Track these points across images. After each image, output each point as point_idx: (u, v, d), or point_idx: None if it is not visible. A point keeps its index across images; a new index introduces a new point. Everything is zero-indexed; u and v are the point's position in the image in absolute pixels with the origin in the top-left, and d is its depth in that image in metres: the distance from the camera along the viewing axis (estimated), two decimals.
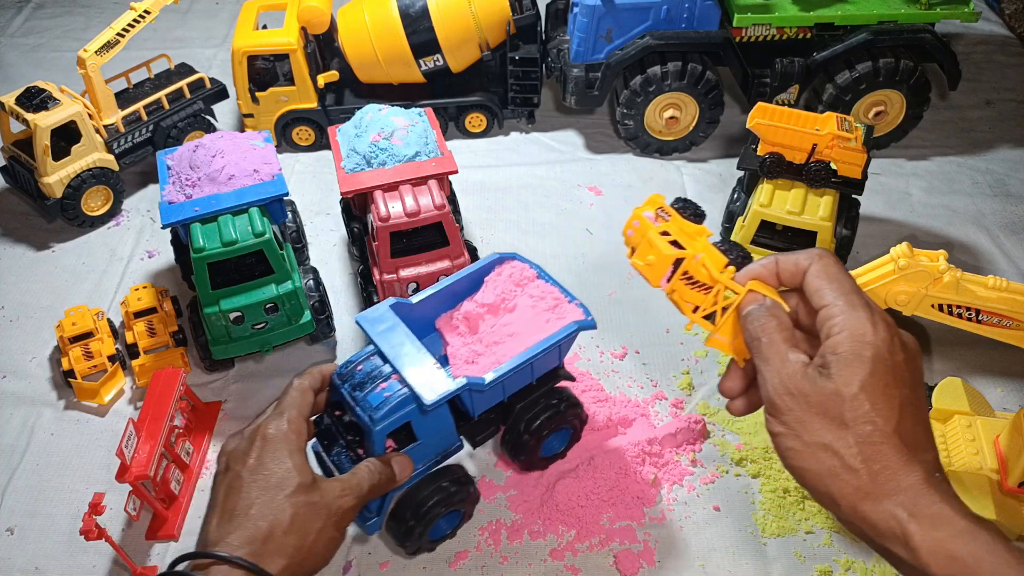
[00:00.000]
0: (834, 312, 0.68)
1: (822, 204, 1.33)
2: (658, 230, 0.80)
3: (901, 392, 0.66)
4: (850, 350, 0.66)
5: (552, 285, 1.16)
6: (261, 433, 0.90)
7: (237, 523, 0.82)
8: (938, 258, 1.12)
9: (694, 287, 0.78)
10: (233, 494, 0.85)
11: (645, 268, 0.81)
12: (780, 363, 0.69)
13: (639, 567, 1.15)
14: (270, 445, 0.89)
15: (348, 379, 1.04)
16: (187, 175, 1.36)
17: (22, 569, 1.19)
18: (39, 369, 1.47)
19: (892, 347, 0.67)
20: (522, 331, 1.13)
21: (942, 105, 2.00)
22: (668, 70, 1.72)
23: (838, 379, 0.66)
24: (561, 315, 1.13)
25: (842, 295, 0.69)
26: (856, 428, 0.65)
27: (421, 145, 1.40)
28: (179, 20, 2.40)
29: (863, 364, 0.66)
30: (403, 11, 1.78)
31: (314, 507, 0.86)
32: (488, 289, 1.17)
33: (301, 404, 0.96)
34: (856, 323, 0.67)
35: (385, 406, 1.01)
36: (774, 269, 0.74)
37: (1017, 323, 1.15)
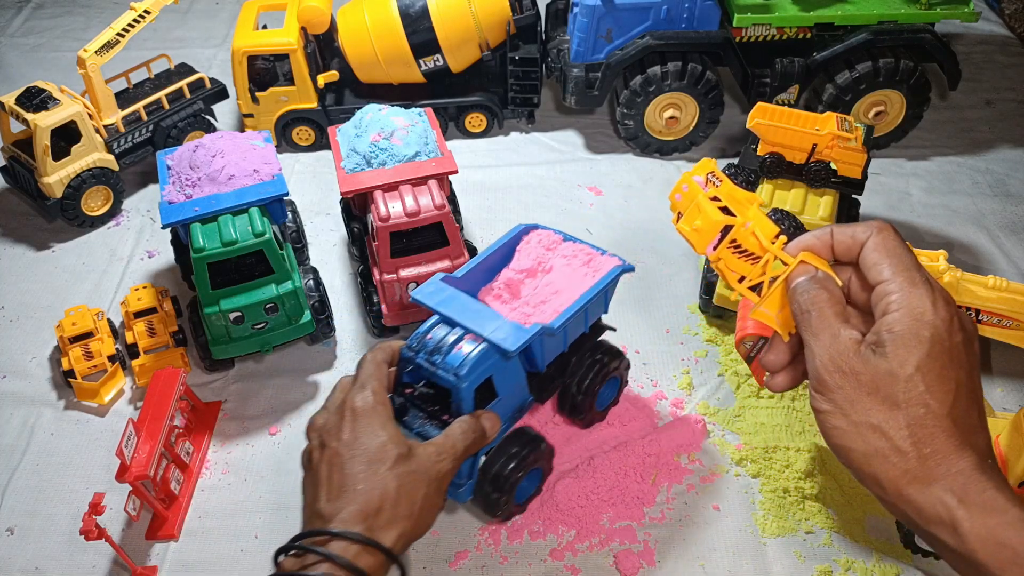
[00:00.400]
0: (892, 288, 0.65)
1: (822, 204, 1.33)
2: (708, 195, 0.77)
3: (957, 375, 0.64)
4: (907, 329, 0.64)
5: (581, 244, 1.22)
6: (350, 407, 0.91)
7: (347, 499, 0.83)
8: (938, 258, 1.12)
9: (741, 256, 0.76)
10: (336, 470, 0.85)
11: (691, 234, 0.79)
12: (831, 338, 0.67)
13: (639, 567, 1.15)
14: (362, 419, 0.89)
15: (421, 349, 1.07)
16: (187, 175, 1.36)
17: (22, 569, 1.19)
18: (39, 369, 1.47)
19: (951, 328, 0.64)
20: (564, 287, 1.18)
21: (942, 105, 2.00)
22: (668, 70, 1.72)
23: (893, 358, 0.64)
24: (597, 267, 1.19)
25: (902, 271, 0.66)
26: (908, 410, 0.63)
27: (421, 145, 1.40)
28: (179, 20, 2.40)
29: (920, 344, 0.63)
30: (403, 11, 1.78)
31: (416, 475, 0.87)
32: (522, 256, 1.22)
33: (379, 376, 0.97)
34: (915, 301, 0.64)
35: (467, 363, 1.04)
36: (829, 241, 0.71)
37: (1017, 323, 1.15)
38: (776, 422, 1.31)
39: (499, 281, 1.21)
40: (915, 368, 0.63)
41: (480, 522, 1.21)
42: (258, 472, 1.30)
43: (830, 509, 1.20)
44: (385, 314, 1.39)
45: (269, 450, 1.33)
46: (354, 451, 0.86)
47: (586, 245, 1.22)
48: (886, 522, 1.19)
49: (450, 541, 1.19)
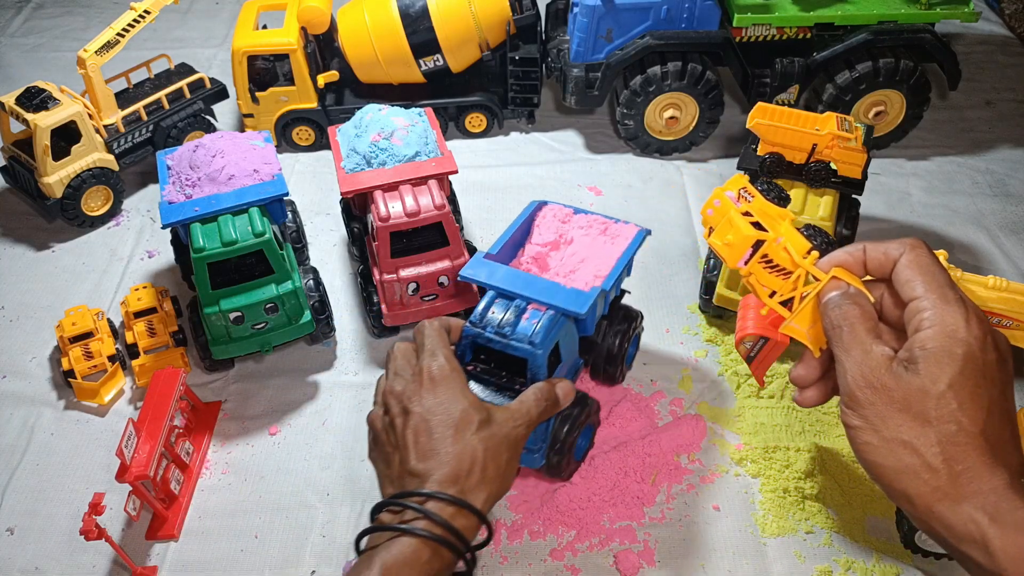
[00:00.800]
0: (925, 305, 0.66)
1: (822, 204, 1.33)
2: (740, 210, 0.78)
3: (990, 393, 0.64)
4: (940, 346, 0.64)
5: (592, 214, 1.28)
6: (428, 375, 0.92)
7: (437, 462, 0.85)
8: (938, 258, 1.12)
9: (773, 271, 0.76)
10: (424, 435, 0.87)
11: (723, 248, 0.80)
12: (863, 354, 0.67)
13: (639, 567, 1.15)
14: (440, 386, 0.91)
15: (486, 325, 1.10)
16: (187, 175, 1.36)
17: (22, 569, 1.19)
18: (39, 369, 1.47)
19: (984, 345, 0.64)
20: (590, 256, 1.23)
21: (942, 105, 2.00)
22: (668, 70, 1.72)
23: (925, 375, 0.64)
24: (615, 234, 1.26)
25: (935, 288, 0.66)
26: (940, 427, 0.63)
27: (421, 145, 1.40)
28: (179, 20, 2.40)
29: (953, 361, 0.63)
30: (403, 11, 1.78)
31: (497, 440, 0.89)
32: (541, 231, 1.28)
33: (444, 343, 0.98)
34: (949, 318, 0.64)
35: (540, 331, 1.08)
36: (861, 257, 0.72)
37: (1017, 323, 1.15)
38: (776, 422, 1.31)
39: (526, 256, 1.26)
40: (947, 385, 0.63)
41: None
42: (258, 472, 1.30)
43: (830, 509, 1.20)
44: (385, 314, 1.39)
45: (269, 450, 1.33)
46: (439, 417, 0.88)
47: (597, 215, 1.28)
48: (886, 522, 1.19)
49: None
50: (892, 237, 1.65)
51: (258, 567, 1.18)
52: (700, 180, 1.82)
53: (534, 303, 1.12)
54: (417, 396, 0.90)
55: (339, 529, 1.22)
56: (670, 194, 1.77)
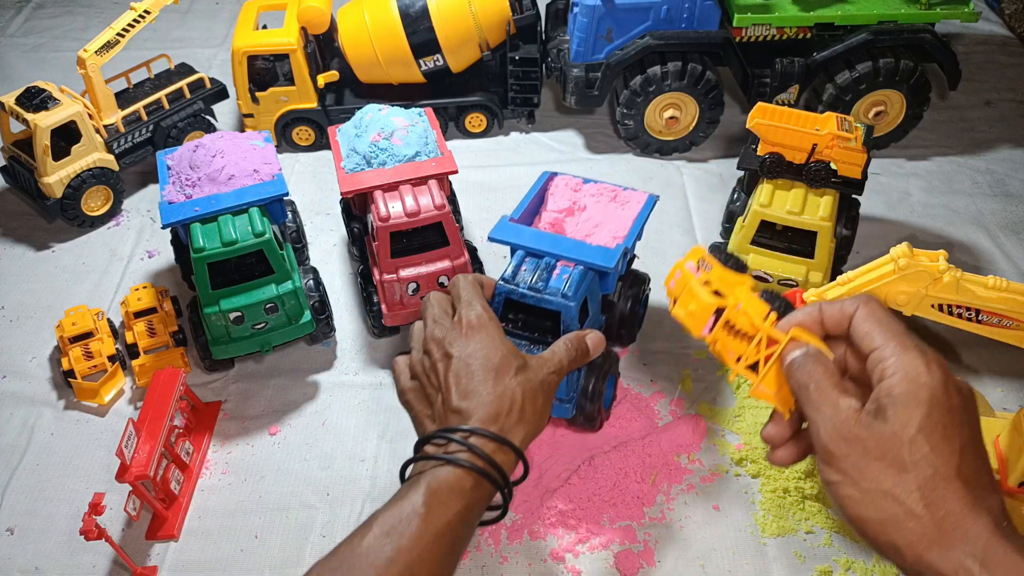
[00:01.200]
0: (886, 354, 0.67)
1: (822, 204, 1.33)
2: (699, 280, 0.80)
3: (960, 434, 0.64)
4: (906, 391, 0.65)
5: (600, 183, 1.35)
6: (466, 322, 0.95)
7: (478, 402, 0.88)
8: (938, 258, 1.12)
9: (736, 337, 0.78)
10: (465, 376, 0.90)
11: (687, 317, 0.81)
12: (832, 409, 0.68)
13: (639, 567, 1.15)
14: (479, 332, 0.94)
15: (519, 282, 1.16)
16: (187, 175, 1.36)
17: (22, 569, 1.19)
18: (39, 369, 1.47)
19: (947, 389, 0.65)
20: (603, 221, 1.30)
21: (942, 105, 2.00)
22: (668, 70, 1.72)
23: (895, 421, 0.64)
24: (625, 200, 1.32)
25: (893, 337, 0.67)
26: (917, 471, 0.63)
27: (421, 145, 1.40)
28: (179, 20, 2.40)
29: (920, 405, 0.64)
30: (403, 11, 1.78)
31: (534, 384, 0.93)
32: (555, 199, 1.34)
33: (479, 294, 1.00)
34: (910, 364, 0.66)
35: (571, 285, 1.15)
36: (818, 316, 0.73)
37: (1017, 323, 1.15)
38: None
39: (543, 223, 1.32)
40: (917, 429, 0.64)
41: None
42: (258, 472, 1.30)
43: (830, 509, 1.20)
44: (385, 314, 1.39)
45: (269, 450, 1.33)
46: (479, 361, 0.91)
47: (605, 184, 1.35)
48: None
49: None
50: (892, 237, 1.66)
51: (258, 567, 1.18)
52: (700, 180, 1.82)
53: (563, 260, 1.18)
54: (458, 341, 0.94)
55: (339, 529, 1.22)
56: (670, 194, 1.77)
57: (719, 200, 1.71)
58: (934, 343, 1.43)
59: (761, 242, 1.36)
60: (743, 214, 1.41)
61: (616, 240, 1.25)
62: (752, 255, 1.35)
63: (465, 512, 0.81)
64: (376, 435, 1.34)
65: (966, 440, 0.65)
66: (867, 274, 1.16)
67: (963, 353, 1.42)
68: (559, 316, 1.15)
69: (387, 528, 0.75)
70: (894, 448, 0.64)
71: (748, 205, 1.42)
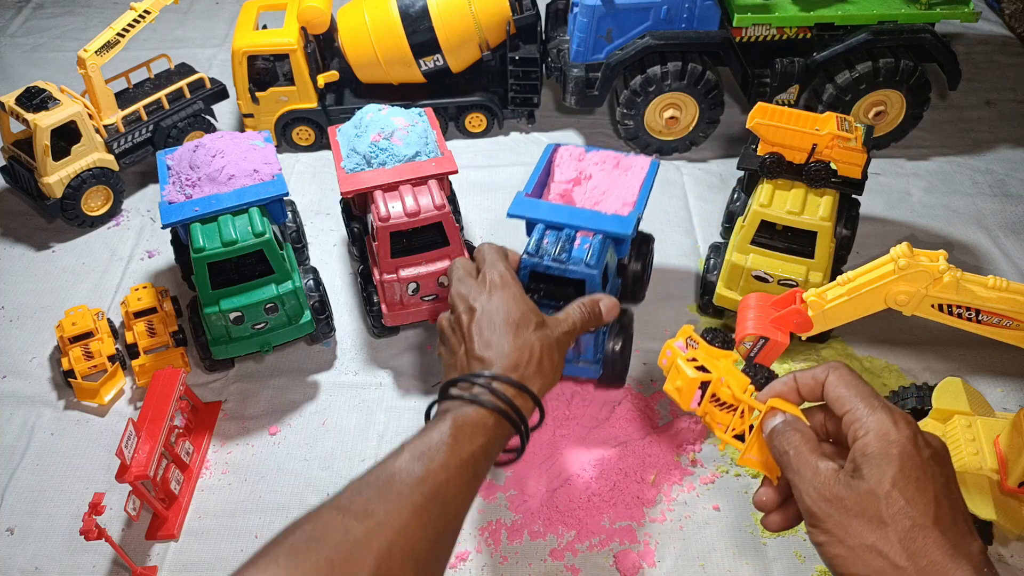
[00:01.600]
0: (857, 415, 0.71)
1: (822, 204, 1.33)
2: (686, 356, 0.86)
3: (934, 486, 0.67)
4: (878, 449, 0.68)
5: (602, 151, 1.39)
6: (489, 281, 1.01)
7: (499, 351, 0.94)
8: (938, 258, 1.12)
9: (723, 408, 0.82)
10: (487, 328, 0.97)
11: (675, 392, 0.87)
12: (812, 473, 0.71)
13: (639, 567, 1.15)
14: (501, 290, 1.00)
15: (544, 254, 1.22)
16: (187, 175, 1.36)
17: (22, 569, 1.19)
18: (39, 369, 1.47)
19: (917, 443, 0.68)
20: (610, 188, 1.35)
21: (942, 105, 2.00)
22: (668, 70, 1.72)
23: (870, 478, 0.67)
24: (628, 166, 1.37)
25: (862, 399, 0.71)
26: (895, 525, 0.66)
27: (421, 145, 1.40)
28: (179, 20, 2.40)
29: (891, 461, 0.67)
30: (403, 11, 1.78)
31: (551, 340, 0.98)
32: (562, 170, 1.38)
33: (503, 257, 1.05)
34: (879, 423, 0.69)
35: (593, 254, 1.21)
36: (793, 385, 0.78)
37: (1017, 323, 1.15)
38: None
39: (552, 194, 1.36)
40: (891, 484, 0.66)
41: (480, 522, 1.21)
42: (258, 472, 1.30)
43: None
44: (385, 314, 1.39)
45: (269, 450, 1.33)
46: (501, 315, 0.97)
47: (608, 151, 1.40)
48: None
49: None
50: (892, 237, 1.66)
51: None
52: (700, 180, 1.82)
53: (582, 230, 1.24)
54: (481, 296, 1.00)
55: None
56: (670, 194, 1.77)
57: (719, 200, 1.71)
58: (934, 343, 1.44)
59: (761, 242, 1.36)
60: (743, 214, 1.41)
61: (626, 206, 1.31)
62: (752, 255, 1.35)
63: (487, 446, 0.86)
64: (376, 435, 1.34)
65: (940, 490, 0.67)
66: (867, 274, 1.16)
67: (963, 353, 1.42)
68: (583, 284, 1.21)
69: (417, 453, 0.80)
70: (872, 504, 0.67)
71: (748, 205, 1.41)
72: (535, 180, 1.35)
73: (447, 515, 0.78)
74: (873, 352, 1.43)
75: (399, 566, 0.70)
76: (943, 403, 1.19)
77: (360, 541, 0.69)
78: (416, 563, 0.72)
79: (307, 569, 0.65)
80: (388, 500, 0.74)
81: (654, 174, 1.36)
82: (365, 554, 0.68)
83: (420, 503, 0.75)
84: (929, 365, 1.41)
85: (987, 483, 1.11)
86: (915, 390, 1.26)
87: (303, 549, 0.67)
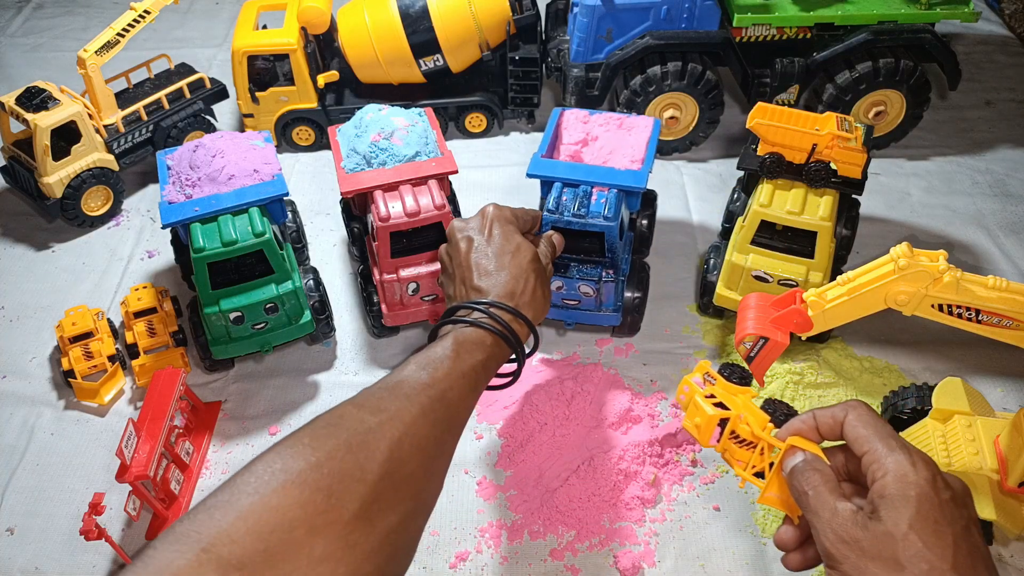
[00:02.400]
0: (876, 456, 0.70)
1: (822, 204, 1.33)
2: (704, 393, 0.87)
3: (952, 529, 0.66)
4: (896, 491, 0.67)
5: (605, 113, 1.46)
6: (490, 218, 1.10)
7: (495, 280, 1.02)
8: (938, 258, 1.12)
9: (742, 446, 0.82)
10: (485, 259, 1.05)
11: (694, 429, 0.87)
12: (830, 514, 0.70)
13: (639, 567, 1.15)
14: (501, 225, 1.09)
15: (563, 210, 1.29)
16: (187, 175, 1.36)
17: (22, 569, 1.19)
18: (39, 369, 1.47)
19: (935, 485, 0.67)
20: (616, 147, 1.41)
21: (942, 105, 2.00)
22: (668, 70, 1.72)
23: (888, 520, 0.66)
24: (631, 126, 1.44)
25: (881, 439, 0.71)
26: (912, 568, 0.65)
27: (421, 145, 1.40)
28: (179, 20, 2.40)
29: (908, 504, 0.66)
30: (403, 11, 1.78)
31: (542, 272, 1.08)
32: (569, 132, 1.45)
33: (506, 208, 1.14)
34: (897, 465, 0.68)
35: (611, 207, 1.28)
36: (813, 424, 0.77)
37: (1017, 323, 1.15)
38: None
39: (562, 156, 1.43)
40: (908, 526, 0.66)
41: (480, 522, 1.21)
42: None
43: None
44: (385, 314, 1.39)
45: None
46: (499, 246, 1.05)
47: (610, 112, 1.47)
48: None
49: (450, 541, 1.19)
50: (892, 237, 1.66)
51: None
52: (700, 180, 1.82)
53: (597, 186, 1.31)
54: (480, 231, 1.08)
55: None
56: (670, 194, 1.77)
57: (719, 200, 1.71)
58: (934, 343, 1.44)
59: (761, 242, 1.36)
60: (743, 214, 1.41)
61: (633, 163, 1.37)
62: (752, 255, 1.35)
63: (486, 361, 0.93)
64: None
65: (959, 533, 0.66)
66: (867, 274, 1.16)
67: (963, 353, 1.42)
68: (602, 236, 1.29)
69: (423, 363, 0.86)
70: (889, 547, 0.66)
71: (748, 205, 1.41)
72: (546, 143, 1.40)
73: (450, 417, 0.84)
74: (873, 352, 1.43)
75: (408, 454, 0.75)
76: (943, 403, 1.19)
77: (374, 430, 0.74)
78: (423, 455, 0.77)
79: (329, 448, 0.70)
80: (398, 399, 0.79)
81: (658, 132, 1.43)
82: (379, 440, 0.73)
83: (427, 404, 0.80)
84: (929, 365, 1.41)
85: (987, 483, 1.11)
86: (915, 390, 1.26)
87: (324, 434, 0.72)
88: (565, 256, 1.33)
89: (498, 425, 1.33)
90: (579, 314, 1.40)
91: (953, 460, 1.14)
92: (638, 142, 1.41)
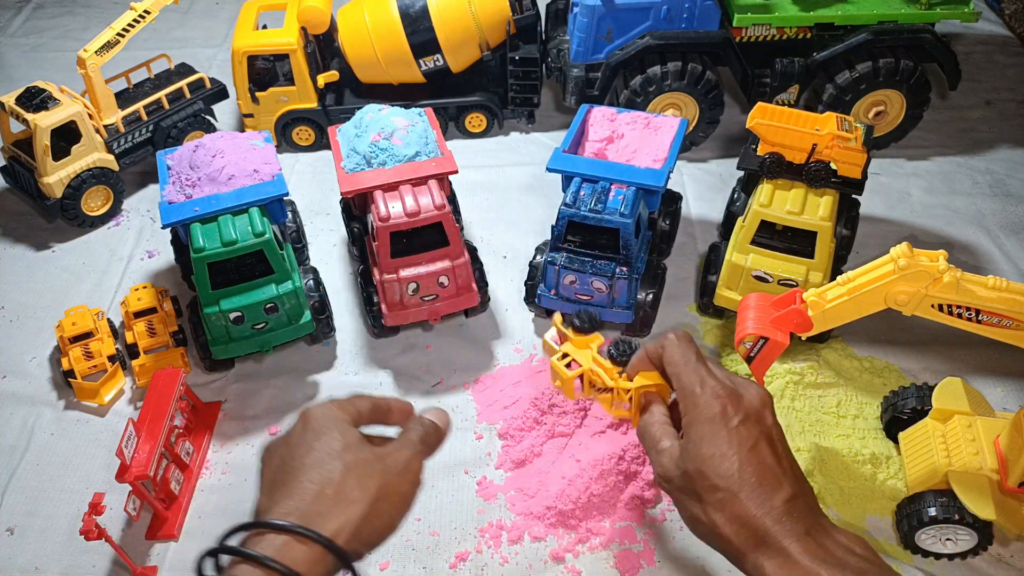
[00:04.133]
0: (682, 394, 0.79)
1: (822, 204, 1.33)
2: (558, 353, 0.95)
3: (739, 453, 0.73)
4: (693, 428, 0.76)
5: (633, 112, 1.48)
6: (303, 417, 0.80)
7: (286, 491, 0.74)
8: (938, 258, 1.12)
9: (602, 392, 0.92)
10: (280, 471, 0.77)
11: (561, 387, 0.95)
12: (656, 454, 0.80)
13: (639, 567, 1.15)
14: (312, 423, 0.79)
15: (581, 205, 1.31)
16: (187, 175, 1.36)
17: (22, 569, 1.19)
18: (39, 369, 1.47)
19: (725, 414, 0.75)
20: (641, 146, 1.43)
21: (942, 105, 2.00)
22: (668, 70, 1.72)
23: (685, 459, 0.75)
24: (658, 126, 1.45)
25: (685, 375, 0.79)
26: (709, 498, 0.73)
27: (421, 145, 1.40)
28: (179, 20, 2.40)
29: (702, 439, 0.75)
30: (403, 11, 1.78)
31: (366, 463, 0.77)
32: (596, 129, 1.46)
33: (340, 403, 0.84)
34: (694, 401, 0.77)
35: (627, 204, 1.30)
36: (645, 357, 0.86)
37: (1017, 323, 1.15)
38: None
39: (587, 152, 1.44)
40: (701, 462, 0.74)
41: (480, 523, 1.21)
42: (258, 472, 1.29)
43: (830, 509, 1.20)
44: (385, 314, 1.39)
45: None
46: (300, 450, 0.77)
47: (638, 112, 1.49)
48: (886, 522, 1.19)
49: (450, 542, 1.19)
50: (892, 237, 1.65)
51: None
52: (700, 180, 1.82)
53: (616, 183, 1.32)
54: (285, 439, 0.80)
55: None
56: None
57: (719, 200, 1.71)
58: (934, 343, 1.44)
59: (761, 242, 1.36)
60: (743, 214, 1.41)
61: (656, 162, 1.38)
62: (752, 255, 1.35)
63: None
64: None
65: (744, 456, 0.73)
66: (867, 274, 1.16)
67: (963, 353, 1.42)
68: (617, 233, 1.30)
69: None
70: (689, 482, 0.75)
71: (748, 205, 1.41)
72: (570, 139, 1.42)
73: None
74: (873, 352, 1.43)
75: None
76: (943, 403, 1.19)
77: None
78: None
79: None
80: None
81: (684, 132, 1.44)
82: None
83: None
84: (929, 365, 1.41)
85: (987, 483, 1.11)
86: (915, 390, 1.26)
87: None
88: (578, 252, 1.35)
89: (498, 425, 1.33)
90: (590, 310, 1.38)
91: (953, 460, 1.14)
92: (663, 142, 1.42)
